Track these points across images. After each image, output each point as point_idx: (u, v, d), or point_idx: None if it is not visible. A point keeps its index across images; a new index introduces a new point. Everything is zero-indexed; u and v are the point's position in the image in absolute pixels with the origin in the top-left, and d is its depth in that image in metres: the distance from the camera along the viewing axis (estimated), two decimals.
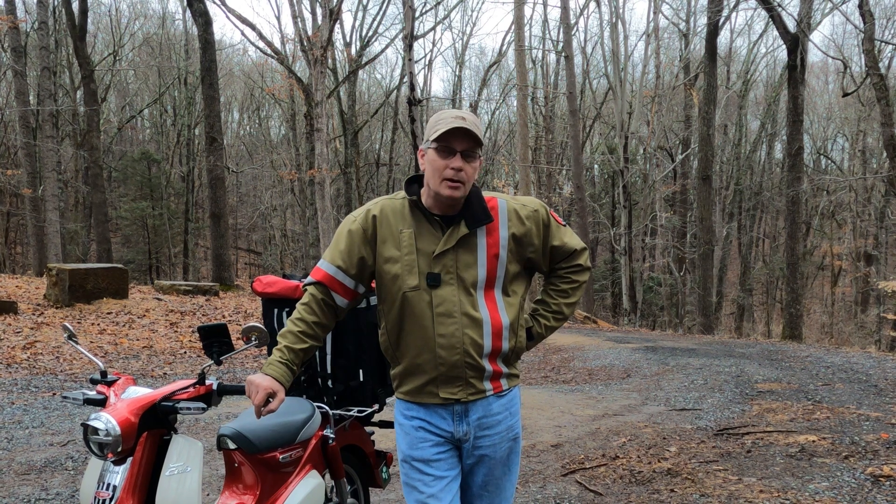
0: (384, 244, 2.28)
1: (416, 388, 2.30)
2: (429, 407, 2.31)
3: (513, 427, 2.39)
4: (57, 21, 29.05)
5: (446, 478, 2.30)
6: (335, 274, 2.32)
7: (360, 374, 3.19)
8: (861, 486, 4.46)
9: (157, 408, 2.35)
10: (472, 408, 2.30)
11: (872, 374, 8.82)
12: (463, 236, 2.24)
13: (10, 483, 4.65)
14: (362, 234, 2.30)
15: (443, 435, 2.31)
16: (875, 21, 17.02)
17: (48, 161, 22.91)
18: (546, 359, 11.21)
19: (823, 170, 41.13)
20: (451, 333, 2.21)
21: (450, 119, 2.19)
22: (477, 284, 2.24)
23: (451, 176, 2.18)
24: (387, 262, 2.27)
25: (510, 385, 2.38)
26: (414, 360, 2.28)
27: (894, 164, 15.55)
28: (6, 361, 8.67)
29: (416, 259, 2.24)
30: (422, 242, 2.25)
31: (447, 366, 2.23)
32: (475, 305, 2.24)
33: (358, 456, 3.37)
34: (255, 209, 43.15)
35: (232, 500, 2.62)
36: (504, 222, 2.29)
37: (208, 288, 16.66)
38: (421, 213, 2.28)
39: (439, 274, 2.22)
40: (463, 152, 2.19)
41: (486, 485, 2.38)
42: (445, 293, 2.22)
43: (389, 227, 2.29)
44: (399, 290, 2.24)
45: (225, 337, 2.56)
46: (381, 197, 2.40)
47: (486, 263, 2.25)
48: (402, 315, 2.26)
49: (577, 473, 4.95)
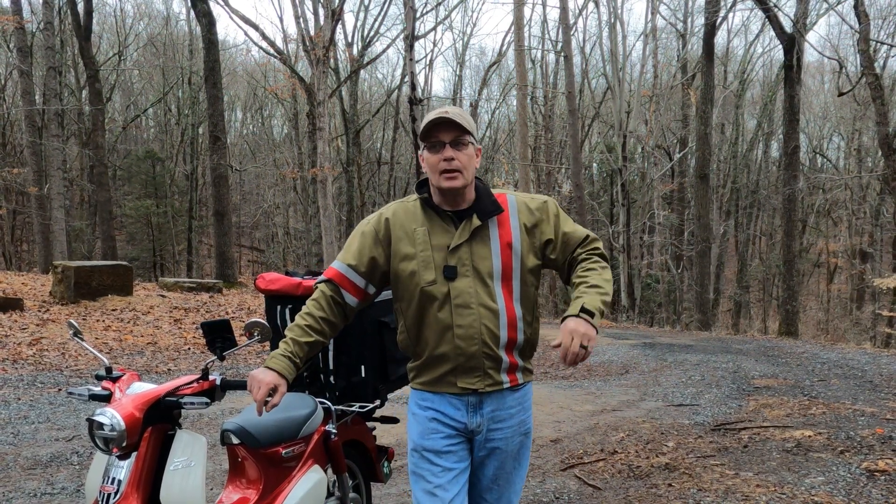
0: (399, 243, 2.32)
1: (435, 379, 2.34)
2: (444, 397, 2.34)
3: (525, 422, 2.42)
4: (62, 21, 29.11)
5: (455, 470, 2.32)
6: (346, 272, 2.36)
7: (361, 370, 3.21)
8: (856, 481, 4.49)
9: (161, 403, 2.37)
10: (487, 400, 2.33)
11: (868, 370, 8.88)
12: (476, 228, 2.28)
13: (17, 477, 4.68)
14: (374, 235, 2.35)
15: (456, 426, 2.33)
16: (870, 21, 17.03)
17: (54, 160, 22.99)
18: (545, 355, 11.25)
19: (819, 168, 41.09)
20: (469, 324, 2.25)
21: (432, 114, 2.25)
22: (493, 275, 2.27)
23: (444, 167, 2.23)
24: (403, 261, 2.31)
25: (525, 379, 2.40)
26: (433, 352, 2.31)
27: (889, 163, 15.56)
28: (12, 358, 8.72)
29: (432, 254, 2.27)
30: (436, 238, 2.29)
31: (466, 356, 2.26)
32: (492, 296, 2.27)
33: (360, 451, 3.38)
34: (258, 207, 43.19)
35: (235, 494, 2.64)
36: (514, 213, 2.33)
37: (212, 285, 16.72)
38: (433, 211, 2.33)
39: (455, 266, 2.26)
40: (451, 142, 2.24)
41: (497, 478, 2.40)
42: (462, 285, 2.25)
43: (403, 228, 2.33)
44: (417, 286, 2.28)
45: (228, 333, 2.57)
46: (393, 201, 2.45)
47: (501, 254, 2.28)
48: (422, 310, 2.30)
49: (576, 468, 4.98)
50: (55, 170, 22.84)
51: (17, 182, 26.62)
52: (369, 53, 32.43)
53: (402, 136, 36.88)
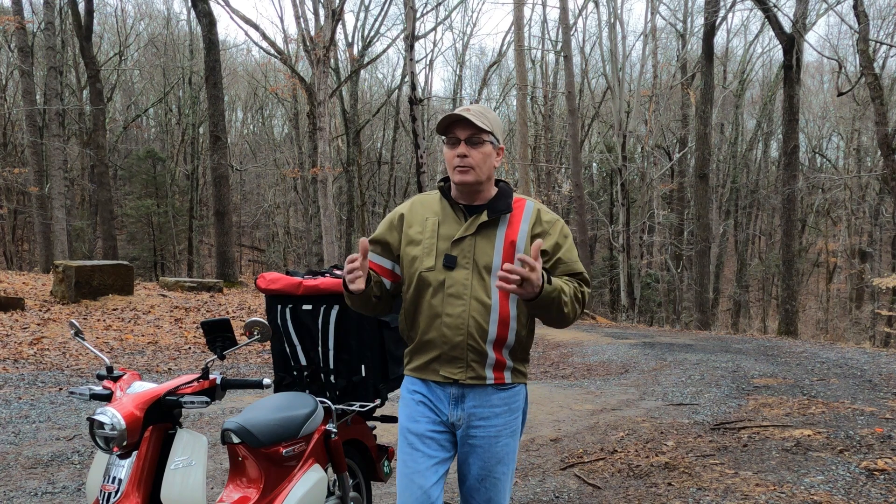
0: (410, 228, 2.41)
1: (422, 365, 2.39)
2: (430, 385, 2.39)
3: (510, 424, 2.40)
4: (63, 21, 29.15)
5: (435, 458, 2.35)
6: (369, 256, 2.44)
7: (361, 369, 3.22)
8: (856, 480, 4.48)
9: (161, 402, 2.38)
10: (469, 394, 2.35)
11: (867, 370, 8.88)
12: (483, 223, 2.33)
13: (18, 476, 4.68)
14: (391, 221, 2.48)
15: (440, 416, 2.38)
16: (869, 21, 17.04)
17: (55, 159, 23.01)
18: (545, 354, 11.27)
19: (819, 168, 41.10)
20: (458, 314, 2.29)
21: (454, 112, 2.31)
22: (492, 270, 2.30)
23: (458, 164, 2.30)
24: (409, 244, 2.39)
25: (514, 380, 2.40)
26: (423, 338, 2.37)
27: (888, 163, 15.57)
28: (13, 357, 8.73)
29: (437, 243, 2.35)
30: (445, 228, 2.37)
31: (450, 345, 2.31)
32: (487, 291, 2.30)
33: (360, 450, 3.40)
34: (259, 207, 43.23)
35: (236, 493, 2.65)
36: (527, 219, 2.37)
37: (212, 284, 16.73)
38: (448, 203, 2.41)
39: (456, 257, 2.32)
40: (466, 140, 2.30)
41: (483, 479, 2.38)
42: (459, 276, 2.31)
43: (418, 215, 2.43)
44: (416, 271, 2.35)
45: (228, 332, 2.58)
46: (422, 193, 2.56)
47: (503, 251, 2.32)
48: (418, 295, 2.36)
49: (576, 467, 4.98)
50: (56, 169, 22.86)
51: (19, 182, 26.67)
52: (369, 53, 32.48)
53: (403, 135, 36.89)
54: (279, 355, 3.38)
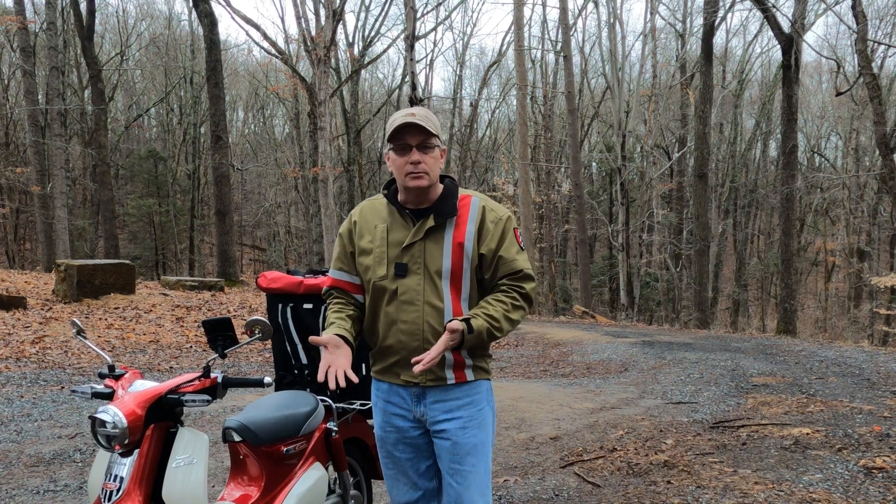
0: (361, 238, 2.44)
1: (385, 368, 2.45)
2: (392, 386, 2.45)
3: (475, 416, 2.41)
4: (65, 22, 29.18)
5: (412, 456, 2.47)
6: (339, 276, 2.50)
7: (362, 368, 3.23)
8: (854, 478, 4.49)
9: (163, 401, 2.38)
10: (430, 392, 2.39)
11: (865, 368, 8.89)
12: (430, 228, 2.34)
13: (20, 475, 4.70)
14: (348, 235, 2.49)
15: (404, 414, 2.44)
16: (868, 21, 17.01)
17: (56, 159, 23.06)
18: (545, 353, 11.28)
19: (817, 167, 41.11)
20: (413, 320, 2.33)
21: (399, 117, 2.30)
22: (442, 274, 2.33)
23: (410, 170, 2.29)
24: (361, 254, 2.42)
25: (476, 377, 2.42)
26: (382, 343, 2.41)
27: (886, 162, 15.59)
28: (16, 356, 8.75)
29: (387, 250, 2.36)
30: (393, 234, 2.38)
31: (409, 350, 2.34)
32: (439, 295, 2.33)
33: (360, 448, 3.41)
34: (260, 206, 43.25)
35: (237, 491, 2.66)
36: (473, 218, 2.38)
37: (214, 283, 16.76)
38: (395, 209, 2.40)
39: (406, 264, 2.34)
40: (418, 146, 2.29)
41: (454, 474, 2.39)
42: (411, 282, 2.33)
43: (367, 223, 2.45)
44: (370, 281, 2.39)
45: (229, 331, 2.59)
46: (364, 200, 2.56)
47: (452, 254, 2.33)
48: (374, 303, 2.41)
49: (576, 465, 4.99)
50: (58, 169, 22.89)
51: (21, 181, 26.71)
52: (370, 53, 32.50)
53: None
54: (280, 354, 3.40)
